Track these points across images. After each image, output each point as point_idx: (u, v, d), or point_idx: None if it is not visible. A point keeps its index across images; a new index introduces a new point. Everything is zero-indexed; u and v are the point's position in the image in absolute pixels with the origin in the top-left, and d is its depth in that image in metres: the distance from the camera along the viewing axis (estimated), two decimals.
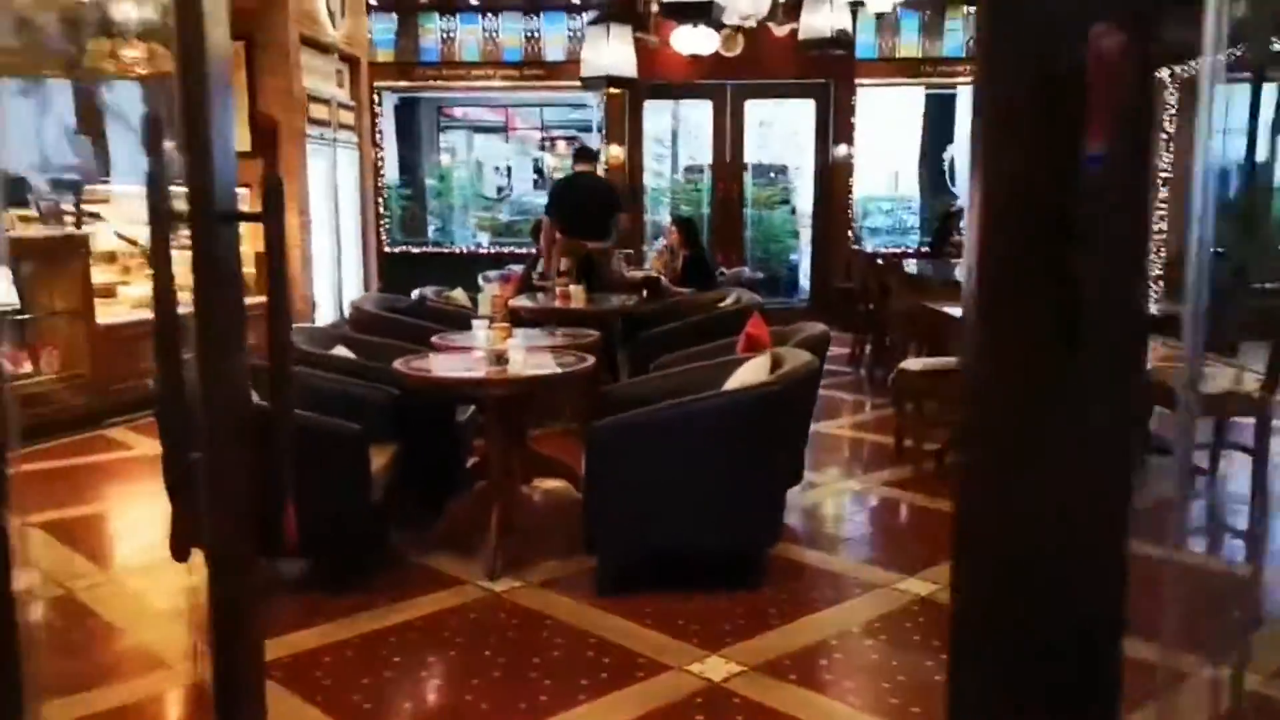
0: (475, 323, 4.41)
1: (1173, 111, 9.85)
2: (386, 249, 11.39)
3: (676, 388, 3.84)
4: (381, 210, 11.36)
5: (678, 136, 13.04)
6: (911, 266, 8.76)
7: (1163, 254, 9.78)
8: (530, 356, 4.03)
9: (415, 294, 6.93)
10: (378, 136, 11.21)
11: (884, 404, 6.77)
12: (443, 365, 4.00)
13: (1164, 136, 9.82)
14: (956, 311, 5.07)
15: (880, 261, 7.93)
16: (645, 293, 7.05)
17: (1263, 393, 4.40)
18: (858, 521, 4.57)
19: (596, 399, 4.05)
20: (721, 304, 6.08)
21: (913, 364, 5.09)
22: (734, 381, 3.55)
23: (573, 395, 4.78)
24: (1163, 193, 9.94)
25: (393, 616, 3.38)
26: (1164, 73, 9.69)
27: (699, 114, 11.82)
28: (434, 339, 4.76)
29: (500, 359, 3.84)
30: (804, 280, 12.20)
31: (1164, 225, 9.93)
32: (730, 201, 11.51)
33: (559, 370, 3.85)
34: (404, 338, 5.00)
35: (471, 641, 3.21)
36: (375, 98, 11.08)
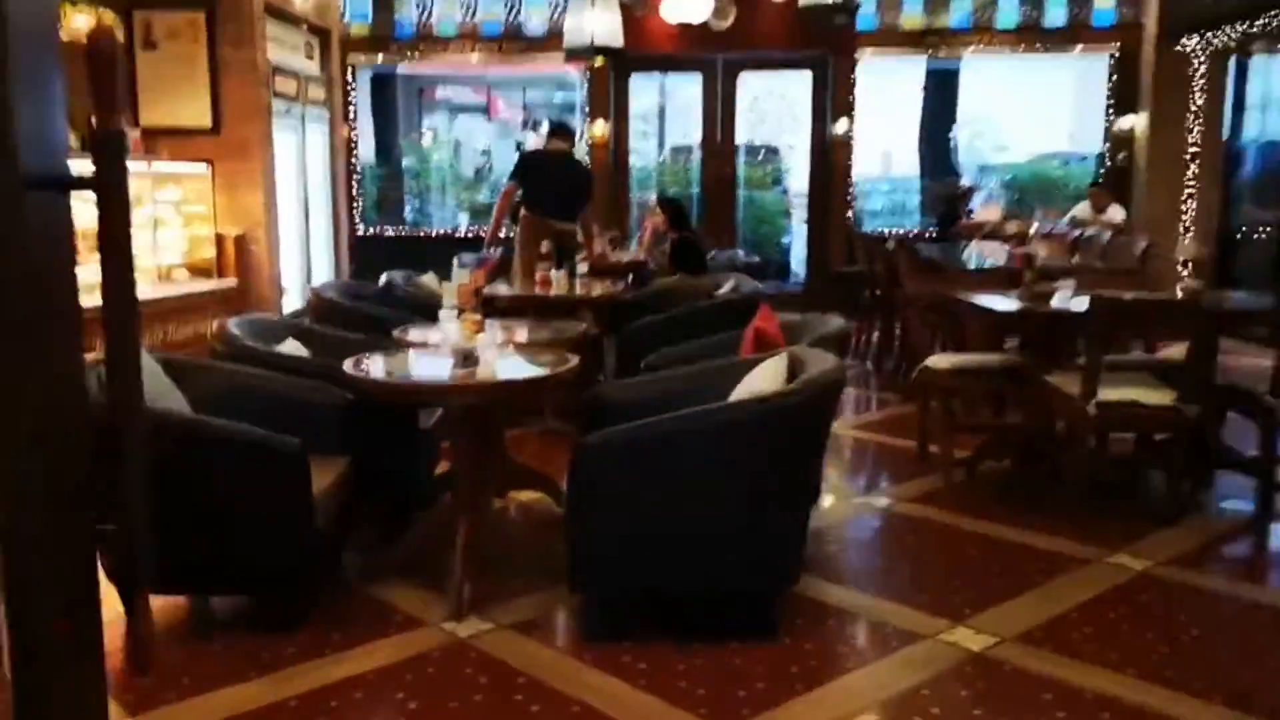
0: (442, 315, 3.83)
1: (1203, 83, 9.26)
2: (360, 231, 10.82)
3: (677, 393, 3.27)
4: (355, 190, 10.79)
5: (665, 113, 12.48)
6: (919, 250, 8.19)
7: (1190, 235, 9.24)
8: (504, 354, 3.46)
9: (383, 279, 6.36)
10: (351, 113, 10.63)
11: (895, 400, 6.24)
12: (401, 366, 3.42)
13: (1191, 111, 9.24)
14: (983, 301, 4.49)
15: (890, 245, 7.36)
16: (632, 278, 6.48)
17: None
18: (886, 548, 3.95)
19: (581, 400, 3.48)
20: (718, 292, 5.50)
21: (940, 361, 4.52)
22: (745, 388, 2.98)
23: (555, 394, 4.20)
24: (1191, 169, 9.39)
25: (337, 669, 2.81)
26: (1193, 40, 9.10)
27: (687, 89, 11.22)
28: (395, 333, 4.17)
29: (468, 359, 3.26)
30: (795, 264, 11.68)
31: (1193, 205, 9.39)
32: (721, 181, 10.93)
33: (537, 373, 3.27)
34: (368, 329, 4.43)
35: (428, 704, 2.63)
36: (349, 73, 10.51)
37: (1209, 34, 8.78)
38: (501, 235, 6.70)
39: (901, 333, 6.72)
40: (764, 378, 2.99)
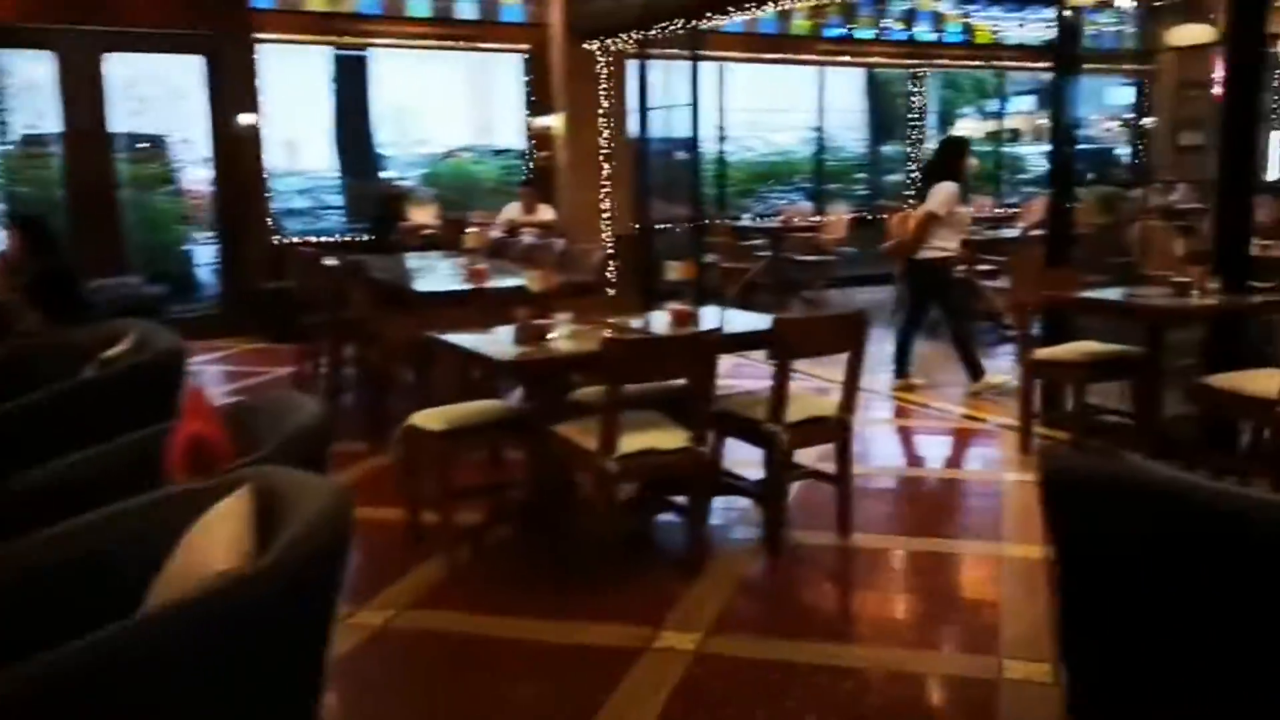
0: None
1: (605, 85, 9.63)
2: None
3: (65, 574, 1.99)
4: None
5: (5, 96, 9.79)
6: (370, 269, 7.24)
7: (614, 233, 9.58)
8: None
9: None
10: None
11: (362, 448, 5.28)
12: None
13: (601, 111, 9.55)
14: (472, 343, 3.74)
15: (332, 261, 6.34)
16: None
17: (843, 414, 3.86)
18: (406, 700, 2.90)
19: None
20: (110, 352, 3.86)
21: (427, 420, 3.68)
22: (187, 563, 1.83)
23: None
24: (607, 168, 9.72)
25: None
26: (594, 45, 9.38)
27: (35, 66, 8.83)
28: None
29: None
30: (206, 276, 9.97)
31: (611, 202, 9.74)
32: (97, 183, 8.78)
33: None
34: None
35: None
36: None
37: (610, 38, 9.13)
38: None
39: (364, 369, 5.76)
40: (217, 537, 1.86)
